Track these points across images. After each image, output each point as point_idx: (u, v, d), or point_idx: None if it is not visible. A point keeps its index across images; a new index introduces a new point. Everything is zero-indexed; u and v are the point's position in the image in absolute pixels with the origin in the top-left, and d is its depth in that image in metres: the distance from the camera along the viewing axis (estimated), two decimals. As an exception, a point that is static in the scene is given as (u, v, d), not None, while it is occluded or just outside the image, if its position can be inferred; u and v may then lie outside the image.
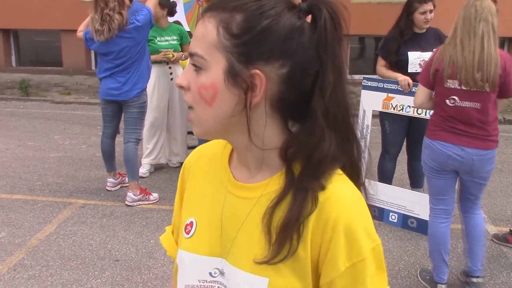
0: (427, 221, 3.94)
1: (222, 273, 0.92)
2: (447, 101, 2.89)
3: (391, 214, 4.19)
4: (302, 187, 0.84)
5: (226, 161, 0.99)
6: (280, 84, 0.84)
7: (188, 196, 1.04)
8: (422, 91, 3.02)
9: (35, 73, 11.12)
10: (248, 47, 0.82)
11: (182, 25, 5.63)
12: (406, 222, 4.14)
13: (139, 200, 4.51)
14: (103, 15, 4.06)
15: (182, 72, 0.88)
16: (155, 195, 4.63)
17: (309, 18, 0.86)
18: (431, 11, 4.01)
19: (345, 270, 0.84)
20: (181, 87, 0.87)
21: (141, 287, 3.23)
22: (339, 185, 0.86)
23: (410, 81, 3.90)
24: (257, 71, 0.82)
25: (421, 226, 4.03)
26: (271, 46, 0.82)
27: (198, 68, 0.85)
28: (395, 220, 4.18)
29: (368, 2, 9.74)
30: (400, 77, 3.96)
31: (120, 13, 4.09)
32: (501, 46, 9.96)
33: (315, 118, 0.84)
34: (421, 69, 3.99)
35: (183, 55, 5.24)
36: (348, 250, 0.83)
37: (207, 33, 0.83)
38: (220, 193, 0.96)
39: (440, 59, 2.86)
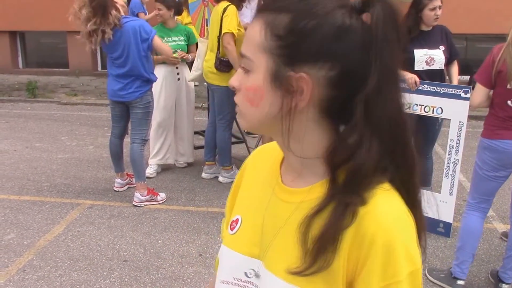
0: (435, 219, 3.96)
1: (257, 275, 0.92)
2: (509, 102, 2.90)
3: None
4: (343, 199, 0.80)
5: (278, 163, 0.99)
6: (328, 88, 0.80)
7: (241, 193, 1.06)
8: (481, 91, 3.01)
9: (42, 75, 11.17)
10: (294, 49, 0.79)
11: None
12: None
13: (147, 200, 4.52)
14: (91, 31, 4.08)
15: (236, 73, 0.89)
16: (162, 195, 4.64)
17: (366, 17, 0.80)
18: (439, 7, 4.00)
19: None
20: (233, 87, 0.88)
21: (150, 287, 3.24)
22: (382, 199, 0.80)
23: (417, 79, 3.88)
24: (303, 75, 0.78)
25: (430, 225, 4.01)
26: (318, 48, 0.78)
27: (246, 70, 0.85)
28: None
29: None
30: (407, 75, 3.93)
31: (106, 15, 4.07)
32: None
33: (354, 123, 0.79)
34: (428, 66, 3.99)
35: (191, 56, 5.26)
36: (384, 269, 0.78)
37: (254, 35, 0.83)
38: (267, 194, 0.96)
39: (503, 60, 2.84)
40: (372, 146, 0.78)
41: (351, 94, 0.79)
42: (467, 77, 10.05)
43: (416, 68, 3.99)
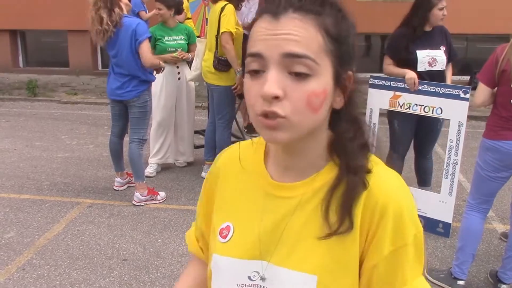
0: (434, 220, 3.96)
1: (262, 277, 0.92)
2: None
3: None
4: (352, 173, 0.88)
5: (261, 163, 0.99)
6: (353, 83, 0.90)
7: (221, 200, 1.03)
8: (484, 90, 3.01)
9: (42, 74, 11.17)
10: (343, 50, 0.85)
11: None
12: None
13: (146, 200, 4.52)
14: (94, 16, 4.11)
15: (271, 80, 0.79)
16: (162, 195, 4.64)
17: None
18: (445, 7, 4.01)
19: (388, 254, 0.87)
20: (275, 97, 0.80)
21: (149, 286, 3.24)
22: (382, 171, 0.91)
23: (417, 80, 3.88)
24: (351, 72, 0.88)
25: (429, 225, 4.02)
26: (353, 47, 0.88)
27: (304, 74, 0.81)
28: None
29: (373, 0, 9.74)
30: (408, 74, 3.92)
31: (110, 11, 4.09)
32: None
33: (354, 107, 0.91)
34: (430, 67, 3.99)
35: (191, 56, 5.26)
36: (393, 234, 0.87)
37: (312, 36, 0.81)
38: (258, 195, 0.96)
39: (507, 60, 2.85)
40: (363, 125, 0.92)
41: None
42: (467, 77, 10.08)
43: (419, 69, 3.98)
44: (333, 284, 0.88)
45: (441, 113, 3.89)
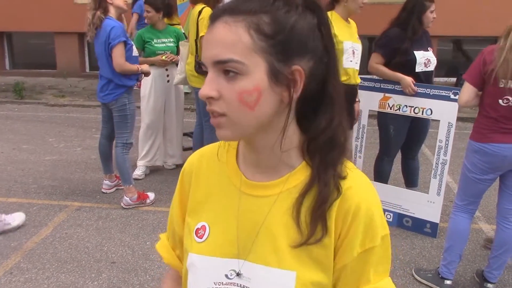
0: (422, 220, 3.99)
1: (238, 274, 0.93)
2: (501, 101, 2.91)
3: (386, 213, 4.20)
4: (326, 175, 0.90)
5: (233, 163, 1.00)
6: (309, 78, 0.87)
7: (195, 200, 1.04)
8: (469, 89, 3.01)
9: (29, 76, 11.08)
10: (283, 45, 0.84)
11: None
12: (401, 221, 4.16)
13: (136, 205, 4.51)
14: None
15: (206, 83, 0.85)
16: (151, 197, 4.63)
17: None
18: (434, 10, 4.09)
19: (357, 255, 0.91)
20: (209, 98, 0.84)
21: (138, 289, 3.24)
22: (356, 175, 0.94)
23: (413, 86, 3.93)
24: (297, 67, 0.85)
25: (416, 225, 4.05)
26: (302, 41, 0.85)
27: (234, 74, 0.83)
28: (391, 219, 4.20)
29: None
30: (405, 80, 3.94)
31: (94, 13, 4.10)
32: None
33: (332, 105, 0.90)
34: (425, 68, 4.03)
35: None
36: (363, 237, 0.91)
37: (239, 38, 0.82)
38: (233, 195, 0.97)
39: (496, 60, 2.85)
40: (341, 125, 0.91)
41: (318, 82, 0.89)
42: (453, 79, 10.16)
43: (417, 70, 4.01)
44: (310, 280, 0.91)
45: (431, 114, 3.92)
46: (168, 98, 5.29)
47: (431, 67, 4.08)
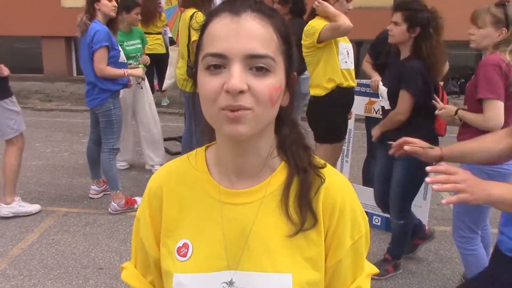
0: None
1: (231, 285, 0.92)
2: None
3: (374, 217, 4.22)
4: (303, 164, 0.95)
5: (207, 174, 0.98)
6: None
7: (170, 219, 0.99)
8: (501, 107, 2.59)
9: (16, 80, 10.95)
10: (291, 51, 0.90)
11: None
12: (389, 225, 4.17)
13: (123, 211, 4.48)
14: None
15: (236, 76, 0.81)
16: (139, 201, 4.57)
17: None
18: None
19: (349, 247, 0.95)
20: (241, 91, 0.82)
21: (126, 295, 3.21)
22: (334, 173, 0.99)
23: (378, 83, 3.99)
24: (295, 73, 0.93)
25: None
26: (293, 49, 0.91)
27: (265, 71, 0.84)
28: (379, 223, 4.21)
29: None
30: (373, 77, 4.11)
31: (82, 17, 4.11)
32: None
33: (293, 110, 0.98)
34: None
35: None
36: (352, 229, 0.95)
37: (271, 36, 0.86)
38: (213, 207, 0.95)
39: None
40: (301, 128, 0.99)
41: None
42: (440, 83, 10.24)
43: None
44: (306, 280, 0.91)
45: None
46: (140, 99, 5.30)
47: None
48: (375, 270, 1.03)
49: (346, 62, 3.82)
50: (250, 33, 0.83)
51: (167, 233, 0.99)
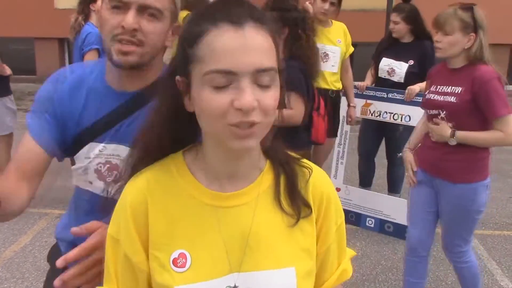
0: (403, 225, 4.02)
1: None
2: None
3: (368, 219, 4.23)
4: (286, 159, 1.00)
5: (194, 181, 0.95)
6: None
7: (158, 231, 0.94)
8: None
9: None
10: (278, 52, 0.89)
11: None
12: (383, 226, 4.19)
13: None
14: None
15: (248, 93, 0.80)
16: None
17: None
18: (396, 22, 4.14)
19: (335, 233, 1.02)
20: (253, 108, 0.81)
21: (120, 298, 3.20)
22: (316, 167, 1.04)
23: (363, 85, 4.23)
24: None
25: (398, 231, 4.08)
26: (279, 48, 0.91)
27: (267, 84, 0.83)
28: (372, 225, 4.23)
29: (341, 10, 9.87)
30: (361, 83, 4.28)
31: (76, 18, 4.10)
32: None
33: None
34: (389, 76, 4.15)
35: None
36: (335, 215, 1.02)
37: (272, 48, 0.85)
38: (207, 213, 0.93)
39: None
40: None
41: None
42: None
43: (379, 75, 4.22)
44: (305, 270, 0.94)
45: (410, 120, 3.97)
46: None
47: (395, 78, 4.13)
48: (353, 253, 1.09)
49: (322, 63, 3.80)
50: (257, 47, 0.81)
51: (156, 246, 0.93)
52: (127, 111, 1.33)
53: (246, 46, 0.81)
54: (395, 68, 4.13)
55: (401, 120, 4.04)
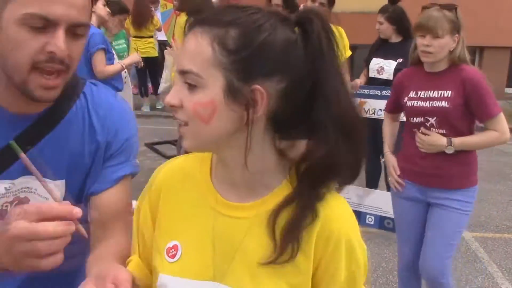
0: (383, 216, 4.06)
1: None
2: None
3: (367, 216, 4.24)
4: (309, 200, 0.87)
5: (208, 180, 0.95)
6: (278, 99, 0.83)
7: (165, 217, 0.97)
8: None
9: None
10: (246, 62, 0.80)
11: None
12: (382, 223, 4.19)
13: None
14: None
15: (172, 90, 0.85)
16: (133, 204, 4.55)
17: (303, 30, 0.84)
18: (380, 23, 4.25)
19: (344, 279, 0.89)
20: (172, 106, 0.84)
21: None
22: (337, 202, 0.91)
23: (356, 85, 4.30)
24: (258, 87, 0.81)
25: (379, 221, 4.14)
26: (270, 61, 0.81)
27: (192, 86, 0.82)
28: (372, 222, 4.23)
29: (341, 12, 9.87)
30: (353, 82, 4.37)
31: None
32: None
33: (325, 129, 0.83)
34: (378, 75, 4.25)
35: None
36: (347, 261, 0.89)
37: (201, 50, 0.81)
38: (207, 214, 0.93)
39: None
40: (342, 145, 0.84)
41: (299, 104, 0.83)
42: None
43: (370, 75, 4.33)
44: None
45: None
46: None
47: (384, 76, 4.23)
48: None
49: None
50: (184, 49, 0.84)
51: (161, 230, 0.97)
52: (34, 138, 1.08)
53: (182, 49, 0.86)
54: (384, 66, 4.25)
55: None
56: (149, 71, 7.89)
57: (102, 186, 1.15)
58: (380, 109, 4.09)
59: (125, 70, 4.48)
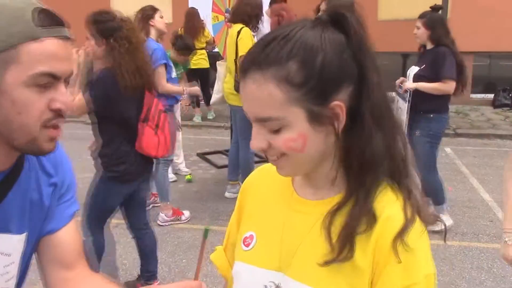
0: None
1: (278, 287, 0.94)
2: None
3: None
4: (359, 198, 0.88)
5: (288, 180, 1.02)
6: (351, 101, 0.86)
7: (249, 211, 1.07)
8: None
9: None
10: (317, 88, 0.83)
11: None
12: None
13: (171, 221, 4.56)
14: None
15: (254, 133, 0.88)
16: (186, 214, 4.67)
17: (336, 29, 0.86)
18: (417, 27, 4.28)
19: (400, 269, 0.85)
20: (262, 150, 0.88)
21: (175, 307, 3.25)
22: (393, 204, 0.89)
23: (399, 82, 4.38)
24: (336, 103, 0.84)
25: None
26: (335, 75, 0.83)
27: (275, 130, 0.85)
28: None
29: (394, 19, 9.74)
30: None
31: None
32: None
33: (364, 121, 0.86)
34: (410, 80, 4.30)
35: None
36: (403, 270, 0.85)
37: (271, 95, 0.82)
38: (282, 209, 0.99)
39: None
40: (380, 138, 0.86)
41: (359, 100, 0.86)
42: (491, 95, 9.96)
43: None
44: None
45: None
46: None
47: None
48: None
49: None
50: (250, 97, 0.85)
51: (243, 222, 1.08)
52: (2, 193, 1.02)
53: (244, 97, 0.87)
54: (410, 72, 4.35)
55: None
56: (201, 82, 8.04)
57: (60, 224, 1.15)
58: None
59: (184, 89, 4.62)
